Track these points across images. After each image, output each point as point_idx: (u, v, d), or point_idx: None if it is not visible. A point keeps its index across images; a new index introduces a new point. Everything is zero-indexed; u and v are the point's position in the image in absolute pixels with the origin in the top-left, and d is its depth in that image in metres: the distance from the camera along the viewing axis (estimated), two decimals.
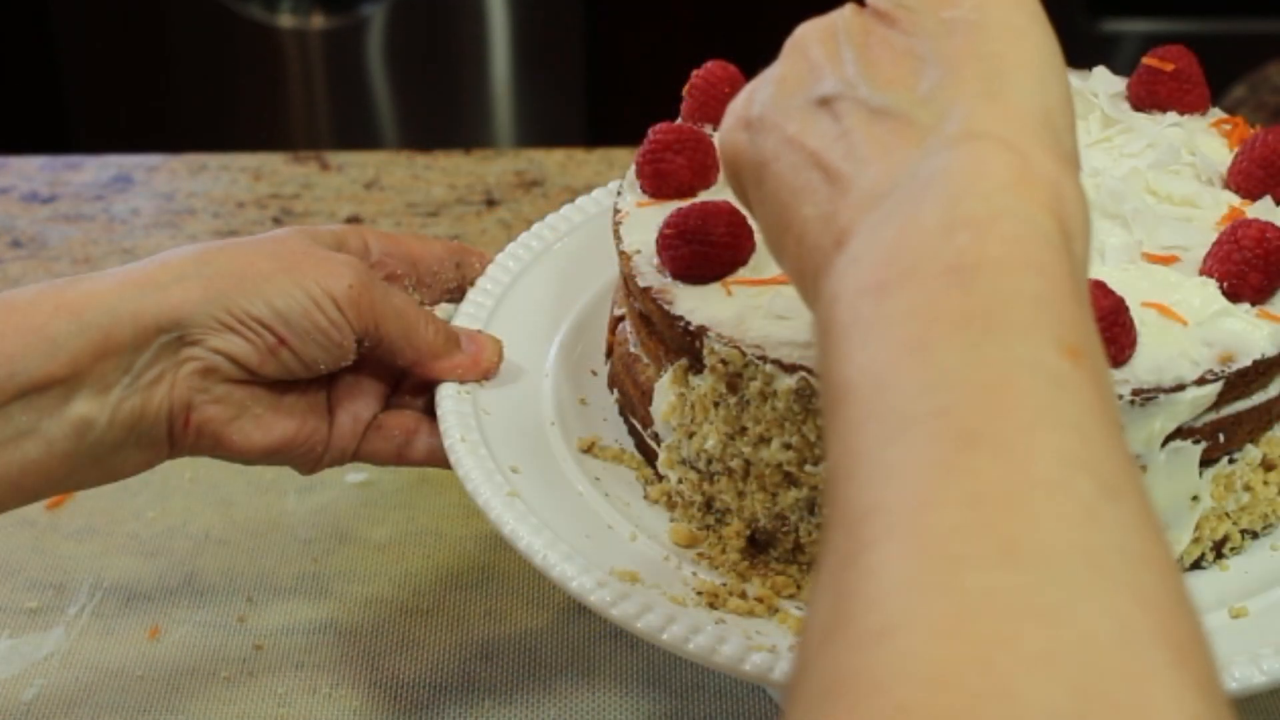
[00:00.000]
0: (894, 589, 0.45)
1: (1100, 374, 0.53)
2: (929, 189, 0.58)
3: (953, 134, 0.60)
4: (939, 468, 0.48)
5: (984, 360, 0.51)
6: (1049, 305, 0.53)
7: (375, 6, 2.66)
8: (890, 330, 0.53)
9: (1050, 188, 0.58)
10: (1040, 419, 0.49)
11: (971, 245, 0.54)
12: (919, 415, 0.50)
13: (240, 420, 0.90)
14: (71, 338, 0.85)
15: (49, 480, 0.87)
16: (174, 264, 0.89)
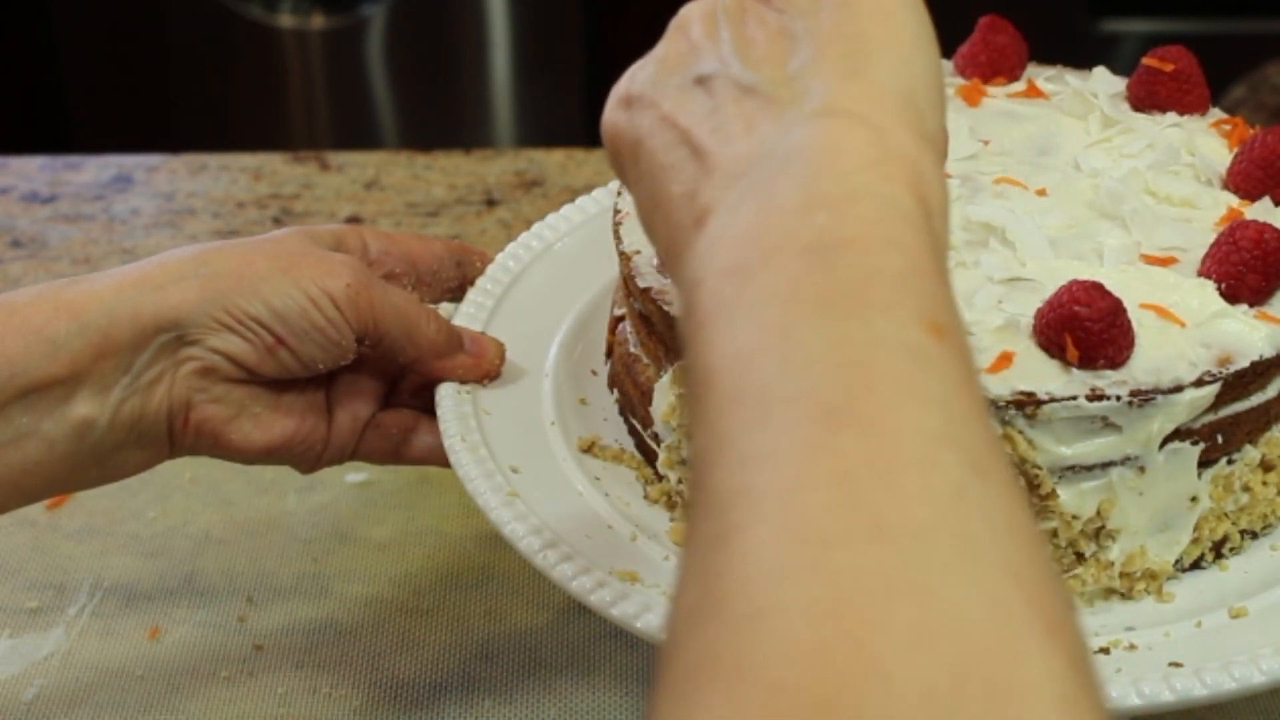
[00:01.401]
0: (765, 571, 0.45)
1: (963, 350, 0.53)
2: (786, 167, 0.58)
3: (810, 110, 0.61)
4: (805, 448, 0.48)
5: (846, 339, 0.51)
6: (910, 283, 0.53)
7: (375, 6, 2.66)
8: (753, 313, 0.53)
9: (909, 166, 0.58)
10: (905, 396, 0.49)
11: (830, 225, 0.55)
12: (783, 397, 0.50)
13: (239, 419, 0.91)
14: (71, 338, 0.85)
15: (50, 481, 0.87)
16: (172, 264, 0.89)
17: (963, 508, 0.47)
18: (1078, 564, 0.88)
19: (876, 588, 0.44)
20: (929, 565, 0.45)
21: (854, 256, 0.53)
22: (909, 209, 0.56)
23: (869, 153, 0.58)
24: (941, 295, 0.54)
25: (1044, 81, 1.12)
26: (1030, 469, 0.84)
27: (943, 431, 0.49)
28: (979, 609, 0.44)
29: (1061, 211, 0.97)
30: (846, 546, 0.45)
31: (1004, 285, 0.91)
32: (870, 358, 0.50)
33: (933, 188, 0.59)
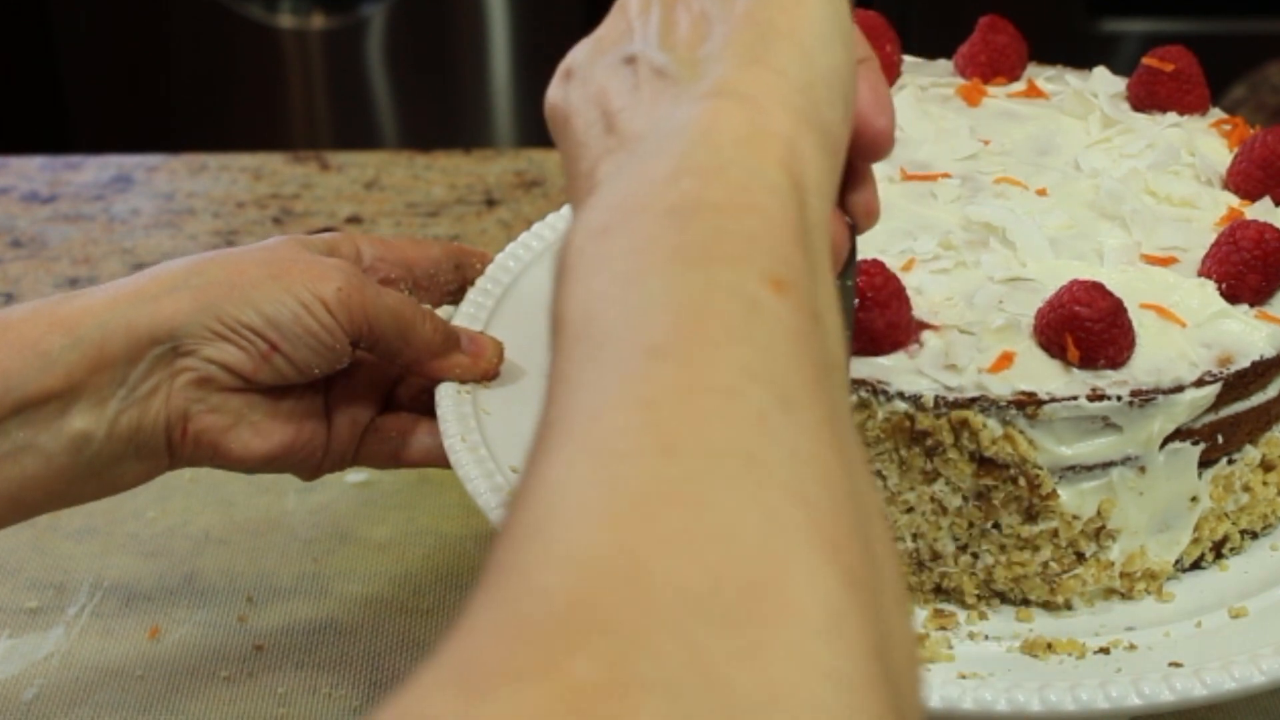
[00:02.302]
0: (554, 486, 0.46)
1: (805, 308, 0.54)
2: (666, 141, 0.60)
3: (702, 91, 0.62)
4: (619, 377, 0.49)
5: (686, 287, 0.52)
6: (762, 242, 0.54)
7: (375, 6, 2.66)
8: (606, 266, 0.54)
9: (785, 145, 0.59)
10: (727, 335, 0.50)
11: (693, 190, 0.56)
12: (616, 336, 0.51)
13: (238, 428, 0.91)
14: (65, 352, 0.85)
15: (49, 494, 0.88)
16: (165, 276, 0.89)
17: (759, 433, 0.48)
18: (1078, 564, 0.88)
19: (652, 497, 0.45)
20: (711, 480, 0.46)
21: (710, 217, 0.55)
22: (776, 182, 0.57)
23: (744, 130, 0.59)
24: (795, 258, 0.55)
25: (1044, 81, 1.12)
26: (1031, 469, 0.84)
27: (757, 368, 0.50)
28: (753, 522, 0.45)
29: (1062, 211, 0.97)
30: (633, 461, 0.46)
31: (1004, 285, 0.91)
32: (704, 303, 0.51)
33: (809, 169, 0.60)
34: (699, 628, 0.41)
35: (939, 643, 0.85)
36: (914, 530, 0.87)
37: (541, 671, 0.40)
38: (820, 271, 0.57)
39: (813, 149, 0.61)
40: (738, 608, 0.42)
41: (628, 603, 0.42)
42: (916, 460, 0.85)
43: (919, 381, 0.85)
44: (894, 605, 0.49)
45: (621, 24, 0.70)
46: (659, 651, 0.41)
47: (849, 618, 0.44)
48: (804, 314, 0.53)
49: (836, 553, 0.45)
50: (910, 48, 1.16)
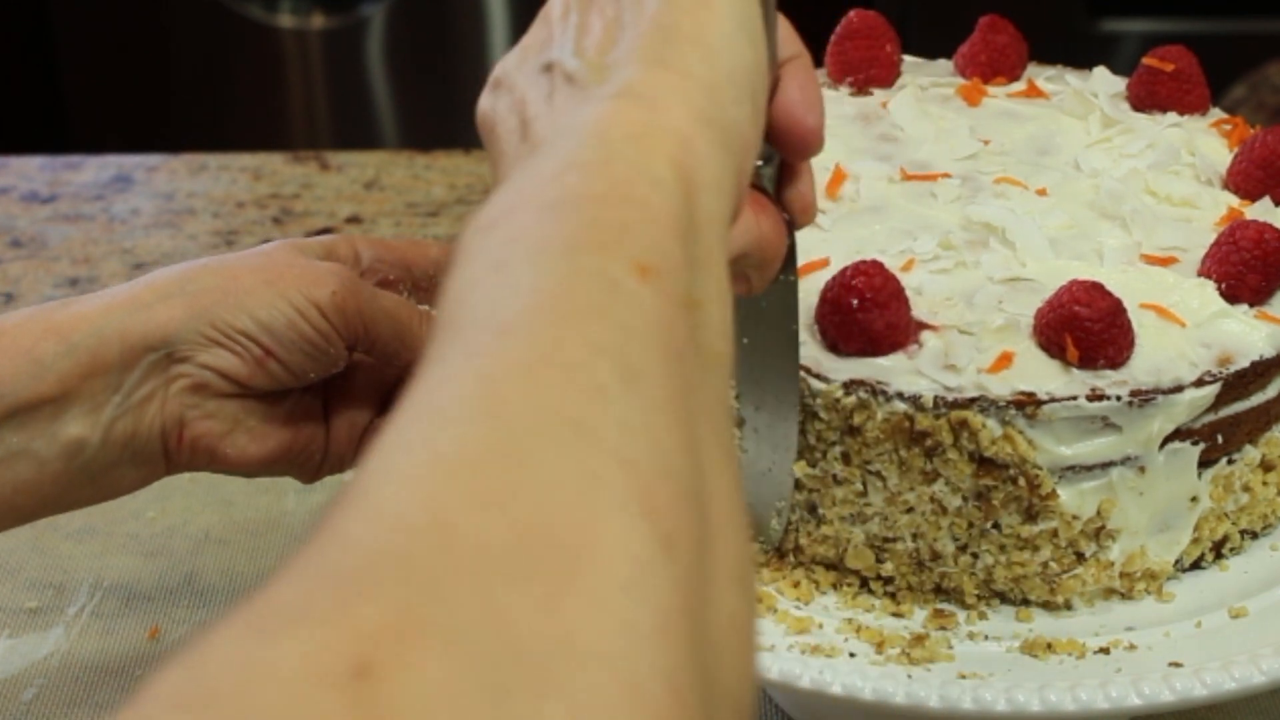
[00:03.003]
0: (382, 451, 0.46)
1: (673, 295, 0.54)
2: (561, 141, 0.60)
3: (604, 94, 0.62)
4: (467, 355, 0.49)
5: (551, 272, 0.52)
6: (635, 232, 0.54)
7: (375, 6, 2.66)
8: (481, 256, 0.55)
9: (678, 142, 0.59)
10: (581, 314, 0.51)
11: (576, 184, 0.56)
12: (473, 320, 0.51)
13: (234, 434, 0.91)
14: (59, 358, 0.86)
15: (43, 500, 0.88)
16: (159, 283, 0.89)
17: (595, 405, 0.48)
18: (1078, 564, 0.88)
19: (471, 460, 0.45)
20: (534, 443, 0.46)
21: (588, 208, 0.55)
22: (662, 176, 0.57)
23: (636, 127, 0.60)
24: (670, 249, 0.55)
25: (1044, 81, 1.12)
26: (1030, 469, 0.84)
27: (606, 345, 0.50)
28: (569, 482, 0.45)
29: (1062, 211, 0.97)
30: (459, 425, 0.46)
31: (1004, 285, 0.91)
32: (566, 286, 0.52)
33: (703, 166, 0.60)
34: (498, 579, 0.42)
35: (939, 643, 0.85)
36: (914, 530, 0.87)
37: (331, 614, 0.40)
38: (706, 265, 0.57)
39: (711, 146, 0.61)
40: (540, 561, 0.43)
41: (429, 554, 0.42)
42: (916, 461, 0.85)
43: (918, 382, 0.85)
44: (727, 581, 0.49)
45: (543, 32, 0.70)
46: (452, 600, 0.41)
47: (657, 576, 0.44)
48: (669, 301, 0.53)
49: (654, 515, 0.46)
50: (910, 48, 1.16)
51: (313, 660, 0.39)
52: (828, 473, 0.87)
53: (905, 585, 0.89)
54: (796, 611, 0.87)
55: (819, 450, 0.87)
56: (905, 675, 0.82)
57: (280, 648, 0.39)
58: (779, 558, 0.91)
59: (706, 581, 0.47)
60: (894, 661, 0.84)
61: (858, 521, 0.88)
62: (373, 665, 0.39)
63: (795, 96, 0.73)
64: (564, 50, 0.67)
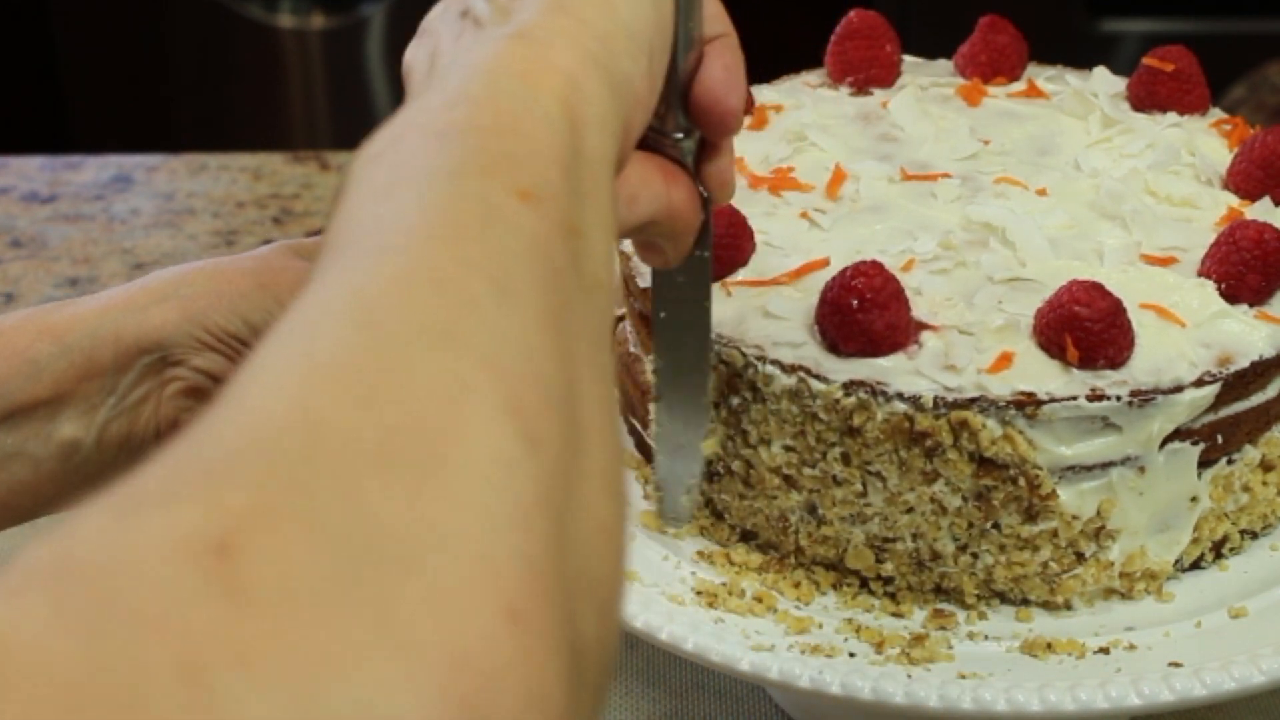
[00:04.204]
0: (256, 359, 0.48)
1: (554, 219, 0.55)
2: (451, 76, 0.61)
3: (500, 34, 0.64)
4: (345, 273, 0.51)
5: (434, 197, 0.53)
6: (520, 161, 0.56)
7: (375, 6, 2.66)
8: (368, 183, 0.56)
9: (566, 81, 0.60)
10: (458, 234, 0.52)
11: (463, 116, 0.57)
12: (354, 242, 0.52)
13: None
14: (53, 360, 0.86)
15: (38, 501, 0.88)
16: (154, 286, 0.89)
17: (464, 314, 0.49)
18: (1078, 564, 0.88)
19: (340, 364, 0.46)
20: (404, 349, 0.47)
21: (474, 138, 0.56)
22: (549, 111, 0.58)
23: (524, 65, 0.61)
24: (553, 177, 0.56)
25: (1044, 81, 1.12)
26: (1030, 469, 0.84)
27: (479, 261, 0.51)
28: (437, 383, 0.46)
29: (1062, 211, 0.97)
30: (330, 336, 0.48)
31: (1004, 285, 0.91)
32: (447, 209, 0.53)
33: (591, 106, 0.61)
34: (362, 469, 0.43)
35: (939, 642, 0.85)
36: (914, 530, 0.87)
37: (195, 496, 0.41)
38: (591, 196, 0.58)
39: (600, 89, 0.62)
40: (404, 454, 0.44)
41: (295, 446, 0.43)
42: (916, 461, 0.85)
43: (918, 382, 0.85)
44: (597, 485, 0.50)
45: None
46: (315, 489, 0.42)
47: (520, 471, 0.45)
48: (550, 224, 0.54)
49: (520, 415, 0.47)
50: (910, 48, 1.16)
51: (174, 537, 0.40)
52: (827, 473, 0.87)
53: (905, 585, 0.89)
54: (796, 611, 0.87)
55: (818, 451, 0.87)
56: (905, 675, 0.82)
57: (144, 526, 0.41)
58: (780, 559, 0.91)
59: (573, 481, 0.48)
60: (894, 661, 0.84)
61: (858, 521, 0.88)
62: (233, 544, 0.40)
63: (717, 75, 0.73)
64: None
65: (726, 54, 0.74)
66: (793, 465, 0.88)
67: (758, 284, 0.91)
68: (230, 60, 2.73)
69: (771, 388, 0.86)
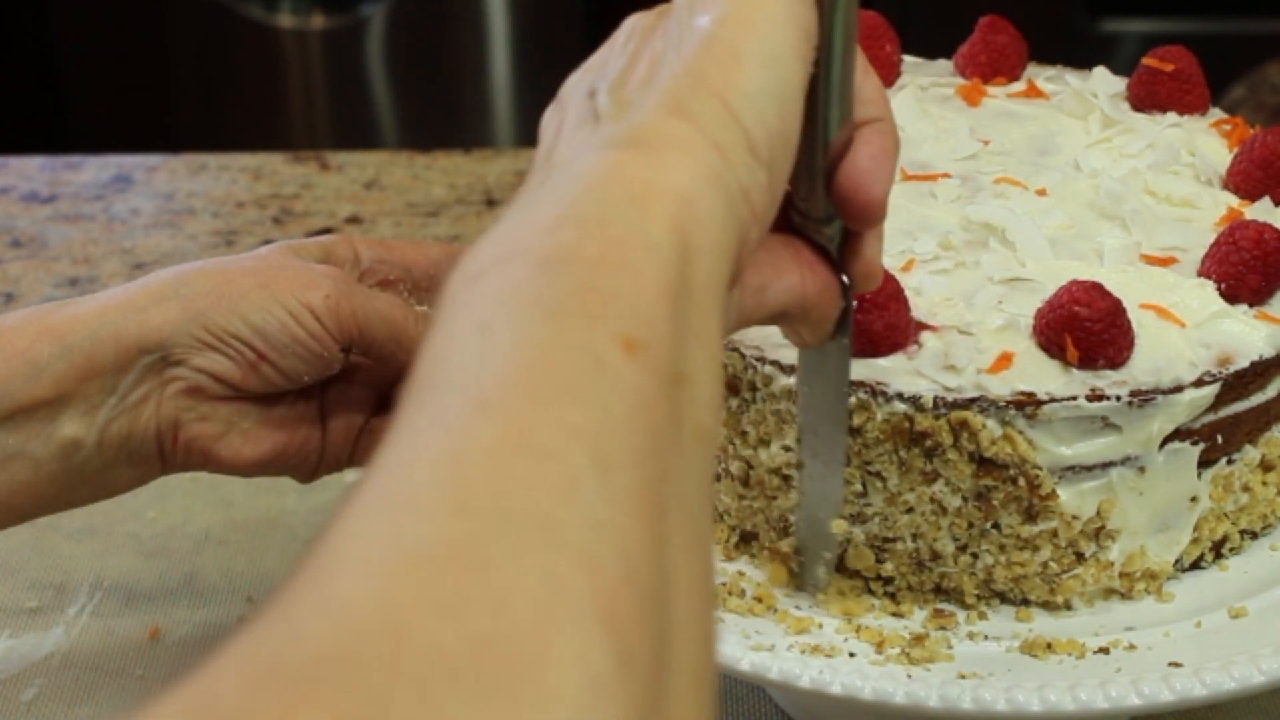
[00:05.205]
0: (344, 534, 0.45)
1: (658, 370, 0.52)
2: (561, 185, 0.59)
3: (614, 136, 0.61)
4: (440, 429, 0.48)
5: (535, 340, 0.51)
6: (625, 303, 0.53)
7: (375, 6, 2.66)
8: (468, 311, 0.53)
9: (679, 203, 0.58)
10: (560, 393, 0.49)
11: (570, 241, 0.55)
12: (454, 385, 0.50)
13: (229, 436, 0.91)
14: (54, 361, 0.86)
15: (38, 500, 0.88)
16: (154, 286, 0.89)
17: (563, 498, 0.46)
18: (1077, 564, 0.88)
19: (431, 556, 0.44)
20: (496, 541, 0.44)
21: (580, 271, 0.54)
22: (658, 240, 0.56)
23: (637, 184, 0.58)
24: (658, 320, 0.53)
25: (1044, 81, 1.12)
26: (1030, 469, 0.84)
27: (583, 429, 0.48)
28: (529, 586, 0.44)
29: (1061, 211, 0.97)
30: (423, 517, 0.45)
31: (1004, 285, 0.91)
32: (548, 359, 0.50)
33: (705, 229, 0.58)
34: (446, 692, 0.40)
35: (939, 643, 0.85)
36: (914, 530, 0.87)
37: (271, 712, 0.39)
38: (699, 334, 0.56)
39: (715, 208, 0.60)
40: (493, 674, 0.41)
41: (378, 660, 0.41)
42: (916, 461, 0.85)
43: (918, 382, 0.85)
44: (686, 690, 0.47)
45: (604, 54, 0.69)
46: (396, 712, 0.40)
47: (613, 695, 0.43)
48: (654, 376, 0.52)
49: (614, 626, 0.44)
50: (910, 48, 1.16)
51: None
52: None
53: (905, 585, 0.89)
54: (796, 611, 0.87)
55: None
56: (905, 675, 0.82)
57: None
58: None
59: (663, 693, 0.46)
60: (894, 661, 0.84)
61: (858, 521, 0.88)
62: None
63: (864, 165, 0.69)
64: (607, 80, 0.66)
65: (876, 141, 0.70)
66: (793, 465, 0.88)
67: None
68: (230, 60, 2.73)
69: (771, 388, 0.86)
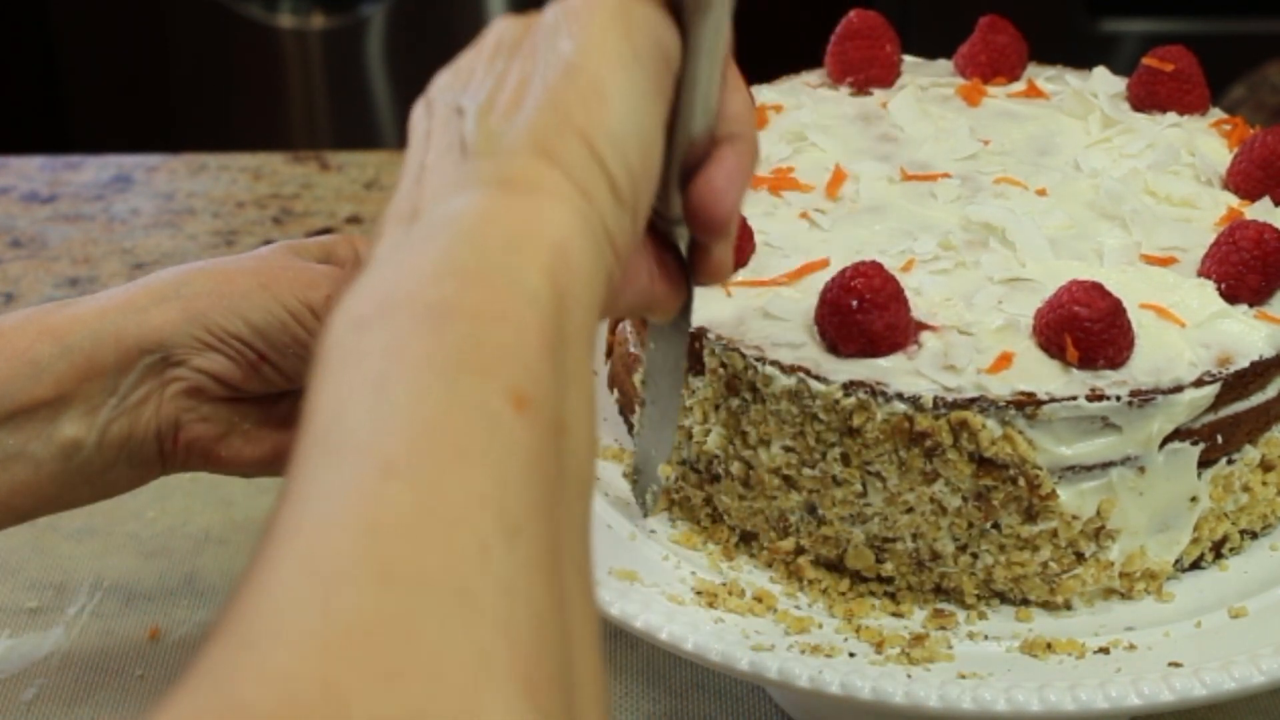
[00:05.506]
0: (272, 598, 0.47)
1: (546, 424, 0.55)
2: (439, 231, 0.59)
3: (487, 175, 0.61)
4: (352, 494, 0.50)
5: (431, 398, 0.53)
6: (510, 356, 0.55)
7: (375, 6, 2.66)
8: (359, 363, 0.55)
9: (553, 252, 0.59)
10: (463, 456, 0.51)
11: (453, 293, 0.56)
12: (356, 445, 0.51)
13: (229, 437, 0.91)
14: (54, 361, 0.86)
15: (39, 500, 0.88)
16: (155, 286, 0.90)
17: (477, 567, 0.49)
18: (1077, 564, 0.88)
19: (363, 627, 0.46)
20: (422, 613, 0.47)
21: (465, 324, 0.55)
22: (537, 290, 0.57)
23: (513, 232, 0.59)
24: (543, 371, 0.55)
25: (1044, 81, 1.12)
26: (1030, 469, 0.84)
27: (487, 493, 0.51)
28: (458, 659, 0.46)
29: (1061, 211, 0.97)
30: (350, 588, 0.47)
31: (1004, 285, 0.91)
32: (446, 419, 0.52)
33: (576, 276, 0.60)
34: None
35: (939, 643, 0.85)
36: (914, 530, 0.87)
37: None
38: (575, 380, 0.58)
39: (585, 255, 0.61)
40: None
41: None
42: (916, 461, 0.85)
43: (918, 382, 0.85)
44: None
45: (474, 63, 0.68)
46: None
47: None
48: (543, 431, 0.54)
49: (533, 691, 0.47)
50: (910, 48, 1.16)
51: None
52: (827, 473, 0.87)
53: (905, 585, 0.89)
54: (796, 611, 0.87)
55: (818, 451, 0.87)
56: (905, 675, 0.82)
57: None
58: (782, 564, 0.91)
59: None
60: (893, 661, 0.84)
61: (858, 522, 0.88)
62: None
63: (716, 183, 0.70)
64: (475, 99, 0.66)
65: (731, 160, 0.71)
66: (792, 466, 0.88)
67: (757, 284, 0.91)
68: (230, 60, 2.73)
69: (771, 388, 0.86)
